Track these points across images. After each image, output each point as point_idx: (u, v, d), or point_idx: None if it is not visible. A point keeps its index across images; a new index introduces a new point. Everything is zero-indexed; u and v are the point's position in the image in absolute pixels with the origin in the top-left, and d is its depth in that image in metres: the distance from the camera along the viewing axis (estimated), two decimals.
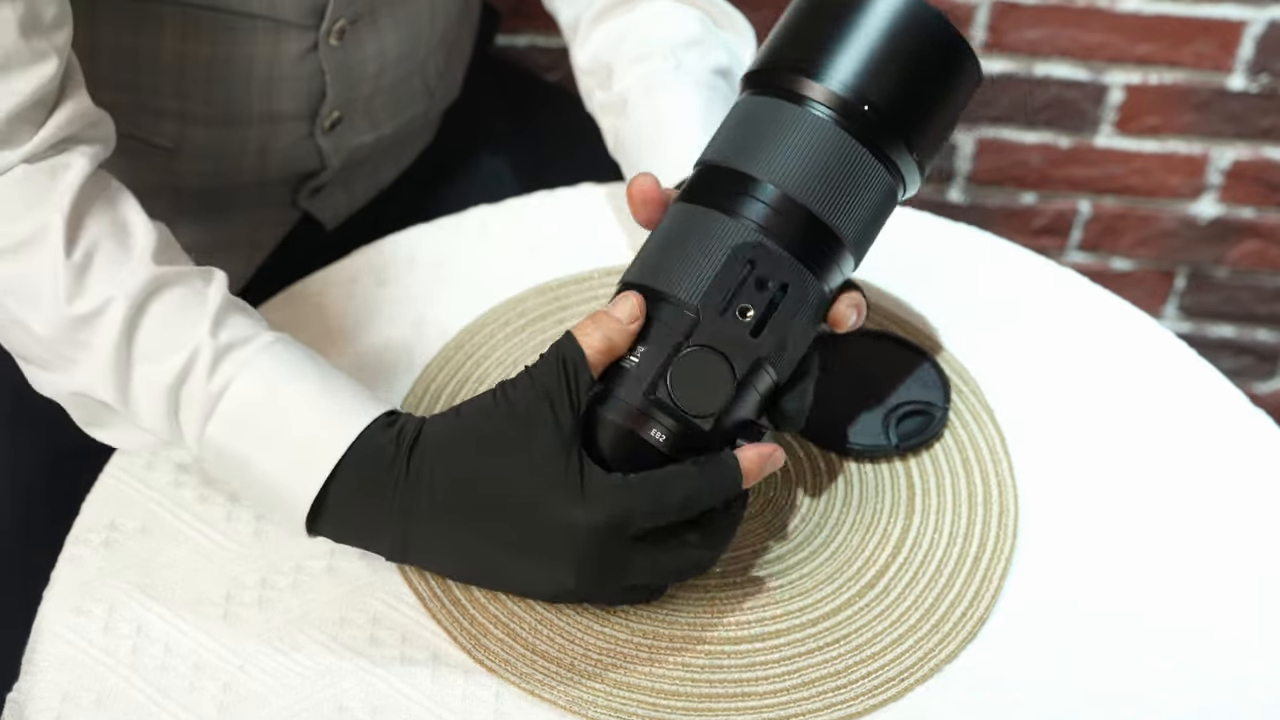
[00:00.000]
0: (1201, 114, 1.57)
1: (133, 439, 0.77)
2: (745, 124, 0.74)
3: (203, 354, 0.72)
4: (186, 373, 0.73)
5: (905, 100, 0.73)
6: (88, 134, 0.78)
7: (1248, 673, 0.75)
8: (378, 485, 0.71)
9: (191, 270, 0.76)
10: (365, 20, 0.97)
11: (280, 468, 0.72)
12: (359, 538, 0.74)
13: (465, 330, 0.89)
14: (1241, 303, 1.72)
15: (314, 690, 0.71)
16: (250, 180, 1.02)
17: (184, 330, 0.73)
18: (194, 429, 0.73)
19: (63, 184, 0.74)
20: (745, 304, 0.70)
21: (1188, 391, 0.89)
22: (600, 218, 0.98)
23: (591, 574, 0.70)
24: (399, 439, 0.71)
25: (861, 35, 0.72)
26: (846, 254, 0.73)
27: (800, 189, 0.71)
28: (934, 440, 0.84)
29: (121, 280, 0.73)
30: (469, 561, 0.73)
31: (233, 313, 0.75)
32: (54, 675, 0.71)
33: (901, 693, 0.72)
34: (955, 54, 0.74)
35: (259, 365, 0.73)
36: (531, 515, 0.69)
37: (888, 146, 0.73)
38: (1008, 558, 0.78)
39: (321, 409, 0.72)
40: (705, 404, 0.70)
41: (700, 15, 0.97)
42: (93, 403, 0.75)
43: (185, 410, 0.73)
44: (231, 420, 0.72)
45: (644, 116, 0.92)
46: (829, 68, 0.72)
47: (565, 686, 0.72)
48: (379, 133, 1.06)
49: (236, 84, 0.94)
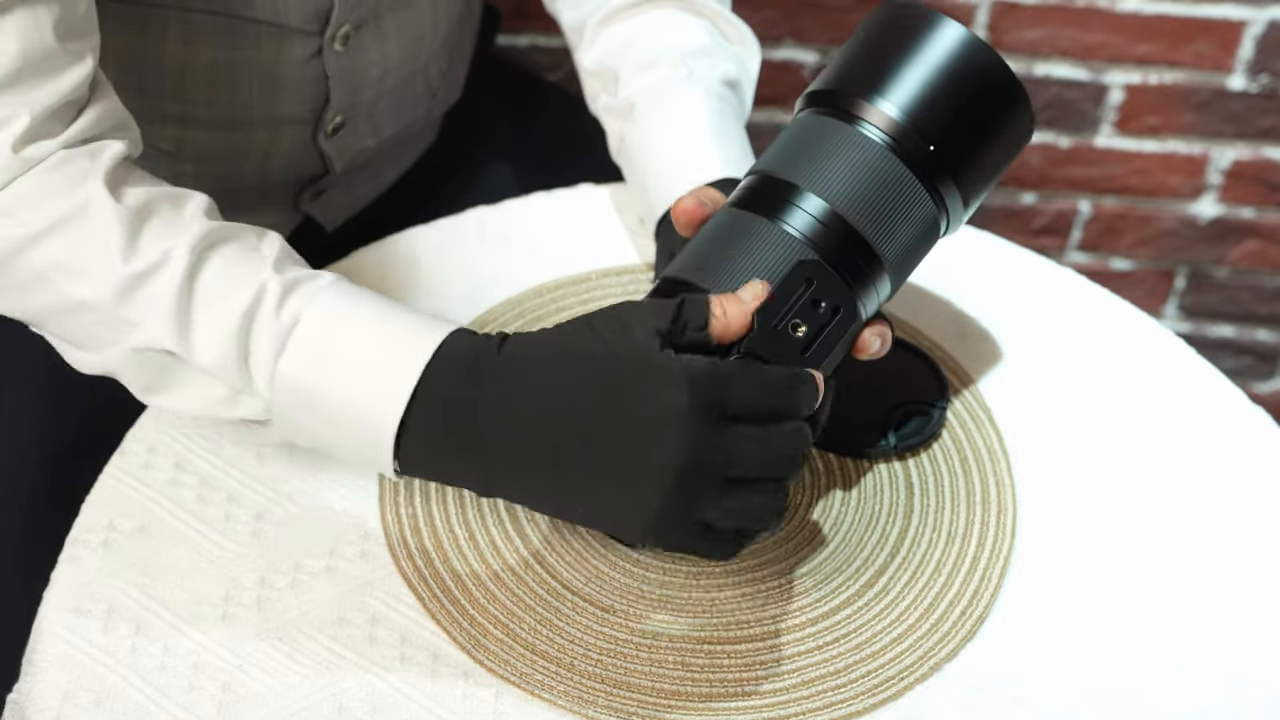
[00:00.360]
0: (1201, 114, 1.57)
1: (197, 397, 0.74)
2: (803, 139, 0.75)
3: (270, 289, 0.71)
4: (255, 309, 0.71)
5: (962, 140, 0.74)
6: (116, 134, 0.78)
7: (1247, 672, 0.75)
8: (469, 381, 0.68)
9: (245, 226, 0.75)
10: (369, 25, 0.97)
11: (361, 391, 0.69)
12: (443, 459, 0.70)
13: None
14: (1241, 303, 1.72)
15: (313, 690, 0.71)
16: (252, 184, 1.02)
17: (247, 272, 0.72)
18: (265, 368, 0.71)
19: (102, 160, 0.74)
20: (799, 320, 0.71)
21: (1188, 391, 0.89)
22: (599, 219, 0.98)
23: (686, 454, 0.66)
24: (487, 340, 0.69)
25: (929, 70, 0.74)
26: (885, 277, 0.74)
27: (848, 206, 0.73)
28: (933, 440, 0.84)
29: (178, 232, 0.73)
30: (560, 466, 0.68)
31: (290, 259, 0.75)
32: (54, 675, 0.71)
33: (901, 691, 0.72)
34: (1016, 108, 0.75)
35: (326, 298, 0.72)
36: (629, 389, 0.66)
37: (939, 181, 0.74)
38: (1006, 557, 0.79)
39: (398, 327, 0.70)
40: None
41: (708, 26, 0.96)
42: (156, 359, 0.73)
43: (256, 349, 0.71)
44: (305, 353, 0.70)
45: (653, 123, 0.91)
46: (894, 96, 0.73)
47: (565, 686, 0.72)
48: (381, 136, 1.06)
49: (239, 88, 0.94)
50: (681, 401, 0.66)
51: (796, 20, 1.52)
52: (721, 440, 0.67)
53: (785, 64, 1.55)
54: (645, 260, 0.95)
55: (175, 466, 0.80)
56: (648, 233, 0.96)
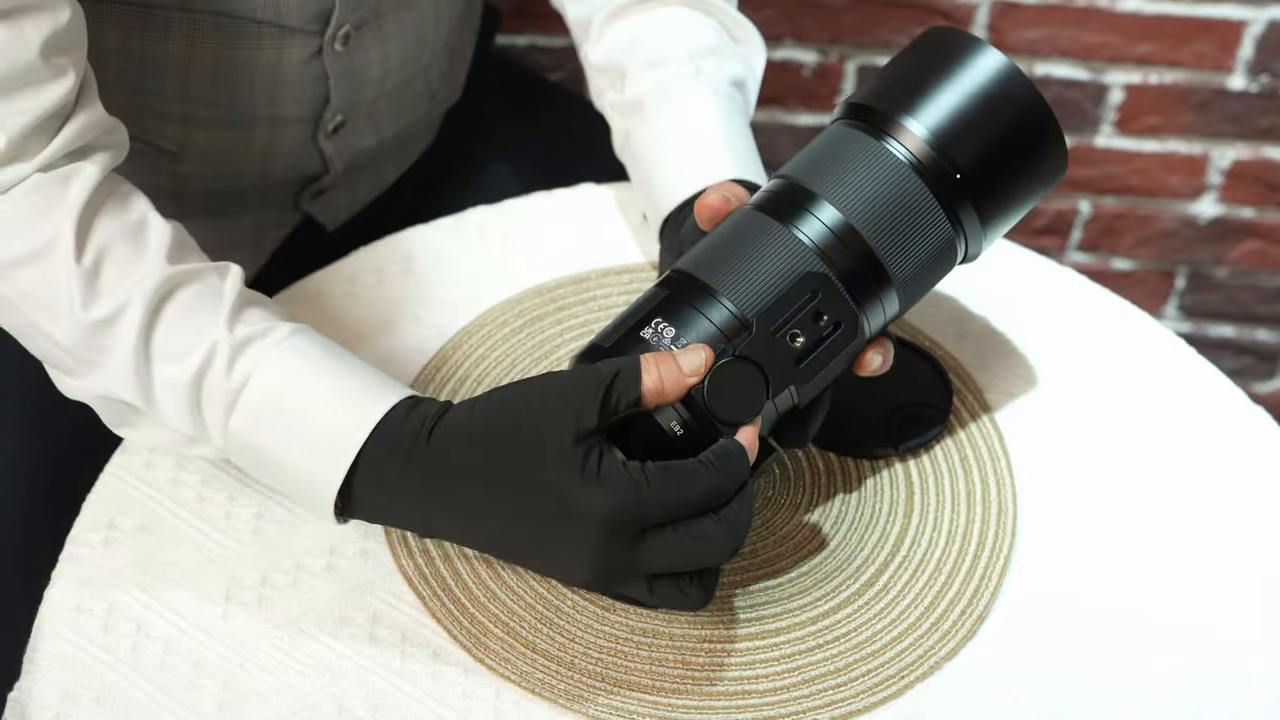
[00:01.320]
0: (1202, 114, 1.57)
1: (160, 437, 0.76)
2: (830, 149, 0.75)
3: (220, 349, 0.73)
4: (205, 369, 0.73)
5: (989, 170, 0.74)
6: (102, 141, 0.78)
7: (1248, 670, 0.75)
8: (402, 469, 0.70)
9: (207, 267, 0.76)
10: (370, 26, 0.97)
11: (305, 457, 0.72)
12: (388, 520, 0.74)
13: (463, 331, 0.89)
14: (1241, 303, 1.72)
15: (314, 688, 0.71)
16: (253, 183, 1.02)
17: (201, 328, 0.73)
18: (218, 424, 0.73)
19: (73, 191, 0.75)
20: (797, 331, 0.72)
21: (1188, 391, 0.89)
22: (599, 218, 0.98)
23: (605, 562, 0.69)
24: (422, 423, 0.71)
25: (964, 96, 0.74)
26: (893, 295, 0.74)
27: (862, 219, 0.73)
28: (934, 443, 0.84)
29: (136, 282, 0.74)
30: (493, 544, 0.73)
31: (249, 307, 0.75)
32: (54, 674, 0.71)
33: (901, 690, 0.72)
34: (1049, 144, 0.76)
35: (277, 357, 0.73)
36: (547, 501, 0.68)
37: (959, 206, 0.74)
38: (1007, 556, 0.79)
39: (343, 396, 0.72)
40: (734, 413, 0.71)
41: (715, 25, 0.96)
42: (119, 404, 0.75)
43: (207, 406, 0.73)
44: (253, 413, 0.72)
45: (662, 122, 0.91)
46: (925, 118, 0.73)
47: (565, 685, 0.72)
48: (381, 135, 1.06)
49: (241, 88, 0.94)
50: (594, 537, 0.68)
51: (796, 20, 1.52)
52: (635, 556, 0.69)
53: (785, 64, 1.55)
54: (647, 259, 0.95)
55: (176, 465, 0.80)
56: (649, 231, 0.96)
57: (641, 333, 0.72)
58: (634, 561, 0.69)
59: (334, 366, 0.73)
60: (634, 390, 0.69)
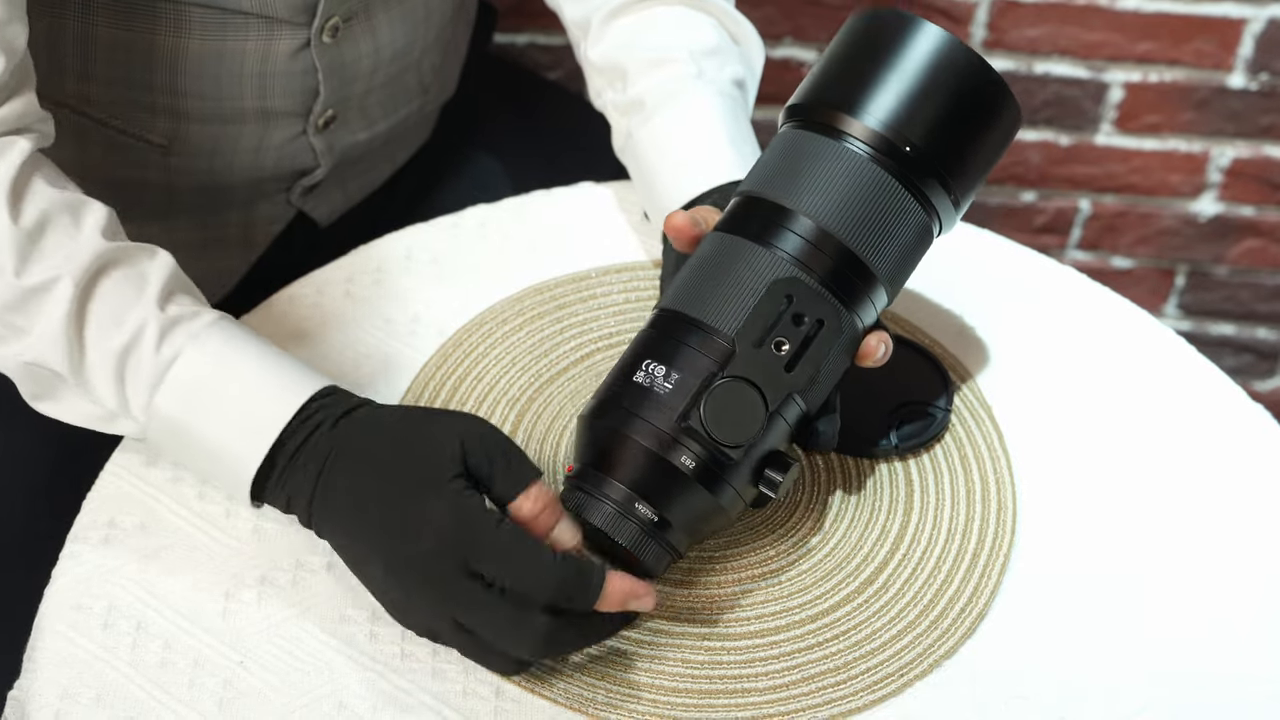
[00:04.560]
0: (1202, 112, 1.57)
1: (79, 411, 0.77)
2: (787, 157, 0.75)
3: (150, 326, 0.74)
4: (133, 345, 0.74)
5: (944, 141, 0.74)
6: (33, 129, 0.79)
7: (1247, 669, 0.75)
8: (306, 453, 0.73)
9: (138, 247, 0.78)
10: (359, 18, 0.97)
11: (228, 437, 0.74)
12: (288, 507, 0.75)
13: (463, 329, 0.89)
14: (1241, 301, 1.72)
15: (314, 687, 0.71)
16: (244, 178, 1.02)
17: (132, 304, 0.75)
18: (141, 399, 0.75)
19: (6, 163, 0.76)
20: (781, 338, 0.72)
21: (1188, 389, 0.89)
22: (598, 217, 0.98)
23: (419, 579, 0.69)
24: (336, 411, 0.73)
25: (903, 74, 0.74)
26: (880, 288, 0.75)
27: (836, 223, 0.73)
28: (935, 441, 0.84)
29: (71, 254, 0.75)
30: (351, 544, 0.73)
31: (178, 290, 0.77)
32: (54, 672, 0.71)
33: (901, 688, 0.72)
34: (995, 97, 0.75)
35: (206, 338, 0.75)
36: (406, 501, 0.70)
37: (925, 185, 0.74)
38: (1006, 554, 0.79)
39: (268, 380, 0.74)
40: (736, 435, 0.71)
41: (715, 24, 0.96)
42: (44, 374, 0.76)
43: (132, 381, 0.75)
44: (180, 391, 0.74)
45: (665, 123, 0.91)
46: (870, 105, 0.74)
47: (565, 683, 0.72)
48: (373, 131, 1.05)
49: (229, 81, 0.94)
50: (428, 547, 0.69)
51: (797, 19, 1.52)
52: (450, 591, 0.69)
53: (785, 62, 1.55)
54: (648, 257, 0.95)
55: (176, 463, 0.80)
56: (649, 229, 0.96)
57: (634, 377, 0.72)
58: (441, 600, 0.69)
59: (260, 352, 0.75)
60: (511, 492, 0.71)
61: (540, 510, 0.70)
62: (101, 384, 0.75)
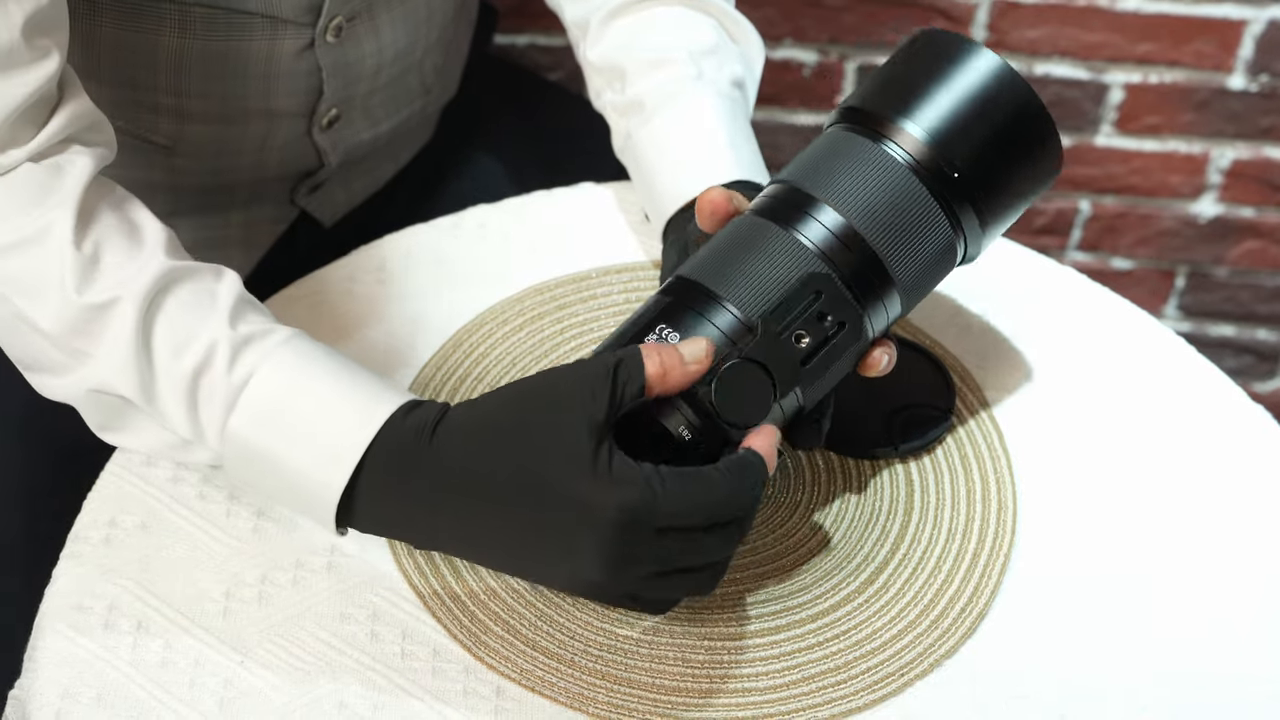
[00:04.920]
0: (1202, 113, 1.57)
1: (152, 440, 0.75)
2: (830, 154, 0.76)
3: (221, 346, 0.72)
4: (206, 365, 0.71)
5: (986, 169, 0.75)
6: (89, 136, 0.78)
7: (1247, 670, 0.75)
8: (404, 473, 0.69)
9: (204, 266, 0.75)
10: (362, 18, 0.97)
11: (307, 461, 0.70)
12: (388, 529, 0.72)
13: (463, 329, 0.89)
14: (1241, 302, 1.73)
15: (315, 686, 0.71)
16: (248, 178, 1.02)
17: (201, 323, 0.72)
18: (215, 424, 0.72)
19: (68, 181, 0.74)
20: (802, 331, 0.72)
21: (1188, 390, 0.89)
22: (599, 217, 0.98)
23: (611, 562, 0.67)
24: (422, 425, 0.69)
25: (960, 97, 0.74)
26: (896, 296, 0.75)
27: (866, 223, 0.73)
28: (936, 444, 0.84)
29: (134, 273, 0.73)
30: (495, 547, 0.71)
31: (248, 308, 0.74)
32: (55, 672, 0.71)
33: (901, 688, 0.73)
34: (1046, 143, 0.76)
35: (280, 357, 0.72)
36: (557, 498, 0.67)
37: (958, 207, 0.74)
38: (1006, 554, 0.79)
39: (346, 399, 0.71)
40: (741, 415, 0.71)
41: (714, 24, 0.96)
42: (111, 402, 0.74)
43: (205, 404, 0.72)
44: (254, 413, 0.71)
45: (664, 123, 0.91)
46: (922, 119, 0.74)
47: (565, 683, 0.72)
48: (377, 130, 1.06)
49: (234, 81, 0.94)
50: (605, 535, 0.66)
51: (796, 19, 1.52)
52: (648, 553, 0.67)
53: (785, 63, 1.55)
54: (648, 257, 0.95)
55: (177, 463, 0.80)
56: (649, 230, 0.96)
57: (645, 339, 0.72)
58: (640, 565, 0.68)
59: (335, 369, 0.72)
60: (638, 378, 0.68)
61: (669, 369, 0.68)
62: (173, 408, 0.72)
